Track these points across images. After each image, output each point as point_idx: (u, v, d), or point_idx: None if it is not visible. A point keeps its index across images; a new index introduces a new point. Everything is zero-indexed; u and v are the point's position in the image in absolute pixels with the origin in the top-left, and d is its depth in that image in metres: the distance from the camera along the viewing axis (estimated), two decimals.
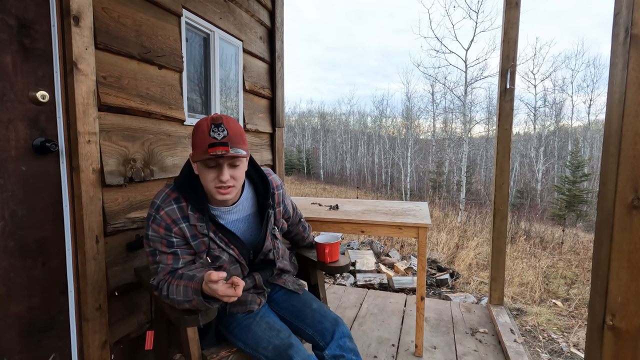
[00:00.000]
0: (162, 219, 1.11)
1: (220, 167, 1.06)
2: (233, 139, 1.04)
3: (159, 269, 1.13)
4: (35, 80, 1.22)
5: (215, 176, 1.06)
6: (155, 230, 1.12)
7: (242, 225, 1.25)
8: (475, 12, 17.17)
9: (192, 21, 2.03)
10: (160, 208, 1.11)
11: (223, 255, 1.17)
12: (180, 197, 1.13)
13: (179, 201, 1.13)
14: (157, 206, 1.12)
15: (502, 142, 2.46)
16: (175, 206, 1.12)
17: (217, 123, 1.03)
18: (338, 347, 1.18)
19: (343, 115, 42.04)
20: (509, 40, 2.40)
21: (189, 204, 1.13)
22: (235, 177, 1.09)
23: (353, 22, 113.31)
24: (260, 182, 1.29)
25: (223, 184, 1.06)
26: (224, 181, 1.05)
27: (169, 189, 1.15)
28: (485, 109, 26.06)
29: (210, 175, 1.07)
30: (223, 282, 0.96)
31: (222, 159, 1.05)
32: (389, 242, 5.73)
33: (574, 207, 14.35)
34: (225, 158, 1.04)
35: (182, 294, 1.02)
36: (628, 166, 0.87)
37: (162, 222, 1.11)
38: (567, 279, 4.86)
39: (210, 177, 1.07)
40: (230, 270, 1.21)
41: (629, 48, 0.85)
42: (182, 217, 1.12)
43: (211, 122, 1.04)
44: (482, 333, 2.29)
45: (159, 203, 1.13)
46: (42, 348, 1.27)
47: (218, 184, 1.07)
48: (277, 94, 3.00)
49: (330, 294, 2.90)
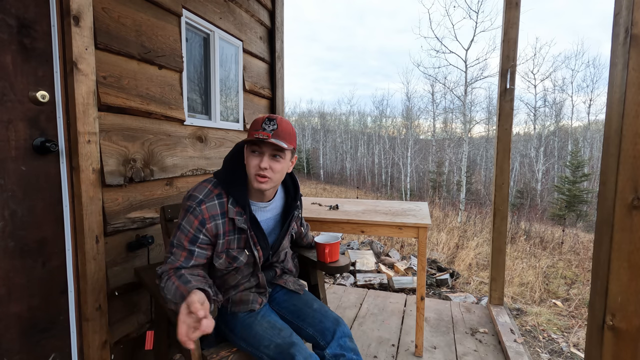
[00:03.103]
0: (201, 213, 1.13)
1: (262, 155, 1.14)
2: (280, 133, 1.13)
3: (168, 260, 1.14)
4: (35, 80, 1.22)
5: (257, 163, 1.14)
6: (190, 222, 1.13)
7: (271, 224, 1.30)
8: (475, 12, 17.20)
9: (192, 21, 2.03)
10: (203, 202, 1.14)
11: (241, 256, 1.19)
12: (222, 193, 1.17)
13: (221, 197, 1.17)
14: (199, 200, 1.15)
15: (502, 142, 2.46)
16: (217, 202, 1.16)
17: (272, 118, 1.14)
18: (339, 346, 1.19)
19: (343, 115, 42.07)
20: (509, 40, 2.40)
21: (229, 198, 1.17)
22: (273, 169, 1.14)
23: (354, 21, 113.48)
24: (292, 184, 1.36)
25: (261, 171, 1.13)
26: (262, 167, 1.12)
27: (211, 185, 1.18)
28: (485, 109, 26.06)
29: (253, 161, 1.14)
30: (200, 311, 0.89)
31: (265, 147, 1.13)
32: (389, 242, 5.73)
33: (574, 207, 14.35)
34: (268, 147, 1.13)
35: (172, 293, 1.04)
36: (628, 166, 0.87)
37: (200, 216, 1.13)
38: (567, 279, 4.86)
39: (253, 163, 1.14)
40: (243, 270, 1.23)
41: (629, 48, 0.85)
42: (221, 213, 1.16)
43: (267, 117, 1.16)
44: (482, 333, 2.29)
45: (202, 197, 1.15)
46: (42, 348, 1.27)
47: (258, 171, 1.14)
48: (277, 94, 3.00)
49: (330, 294, 2.90)
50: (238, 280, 1.24)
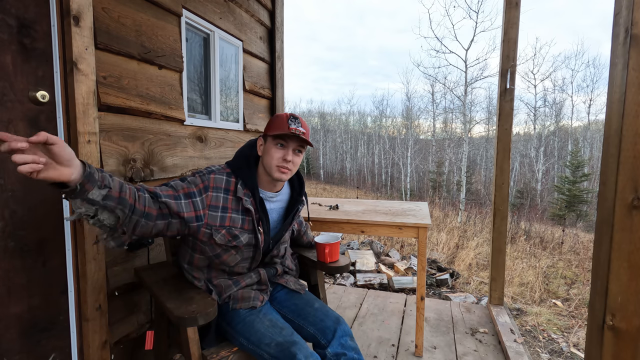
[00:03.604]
0: (208, 180, 1.18)
1: (287, 149, 1.21)
2: (305, 132, 1.23)
3: (155, 188, 1.09)
4: (35, 80, 1.22)
5: (282, 155, 1.21)
6: (194, 181, 1.17)
7: (275, 215, 1.34)
8: (475, 12, 17.20)
9: (192, 21, 2.03)
10: (213, 172, 1.21)
11: (242, 236, 1.21)
12: (232, 174, 1.23)
13: (230, 176, 1.23)
14: (210, 170, 1.22)
15: (502, 142, 2.46)
16: (225, 178, 1.21)
17: (296, 117, 1.23)
18: (340, 345, 1.19)
19: (343, 115, 42.06)
20: (509, 40, 2.40)
21: (238, 180, 1.22)
22: (294, 162, 1.24)
23: (354, 21, 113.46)
24: (297, 180, 1.42)
25: (285, 163, 1.21)
26: (288, 160, 1.20)
27: (223, 166, 1.26)
28: (485, 109, 26.04)
29: (278, 153, 1.21)
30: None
31: (291, 142, 1.21)
32: (389, 242, 5.73)
33: (574, 207, 14.35)
34: (294, 141, 1.21)
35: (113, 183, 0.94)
36: (628, 166, 0.87)
37: (206, 181, 1.18)
38: (567, 279, 4.86)
39: (278, 155, 1.21)
40: (243, 252, 1.24)
41: (629, 48, 0.85)
42: (225, 189, 1.20)
43: (290, 115, 1.23)
44: (482, 333, 2.29)
45: (214, 169, 1.22)
46: (42, 348, 1.27)
47: (281, 162, 1.21)
48: (277, 94, 3.00)
49: (330, 294, 2.90)
50: (237, 261, 1.24)
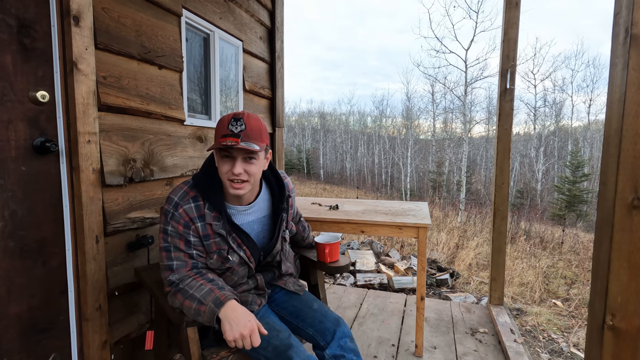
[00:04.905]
0: (181, 217, 1.11)
1: (234, 160, 1.08)
2: (249, 134, 1.07)
3: (175, 267, 1.11)
4: (35, 80, 1.22)
5: (229, 168, 1.09)
6: (175, 227, 1.12)
7: (257, 227, 1.26)
8: (475, 12, 17.18)
9: (192, 21, 2.03)
10: (179, 205, 1.12)
11: (233, 257, 1.18)
12: (198, 196, 1.14)
13: (197, 199, 1.14)
14: (175, 203, 1.12)
15: (502, 142, 2.46)
16: (193, 205, 1.13)
17: (237, 117, 1.08)
18: (339, 347, 1.18)
19: (343, 115, 42.05)
20: (509, 40, 2.40)
21: (206, 202, 1.14)
22: (249, 172, 1.10)
23: (354, 21, 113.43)
24: (277, 184, 1.30)
25: (235, 177, 1.09)
26: (236, 174, 1.08)
27: (187, 187, 1.16)
28: (485, 109, 26.03)
29: (224, 167, 1.10)
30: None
31: (236, 152, 1.08)
32: (389, 242, 5.73)
33: (574, 207, 14.34)
34: (239, 151, 1.07)
35: (201, 294, 1.04)
36: (628, 166, 0.86)
37: (182, 220, 1.12)
38: (567, 279, 4.86)
39: (224, 169, 1.10)
40: (239, 271, 1.22)
41: (629, 48, 0.85)
42: (199, 216, 1.13)
43: (232, 117, 1.09)
44: (482, 333, 2.29)
45: (177, 200, 1.13)
46: (42, 348, 1.27)
47: (231, 177, 1.09)
48: (277, 94, 3.00)
49: (330, 294, 2.90)
50: (235, 281, 1.23)
